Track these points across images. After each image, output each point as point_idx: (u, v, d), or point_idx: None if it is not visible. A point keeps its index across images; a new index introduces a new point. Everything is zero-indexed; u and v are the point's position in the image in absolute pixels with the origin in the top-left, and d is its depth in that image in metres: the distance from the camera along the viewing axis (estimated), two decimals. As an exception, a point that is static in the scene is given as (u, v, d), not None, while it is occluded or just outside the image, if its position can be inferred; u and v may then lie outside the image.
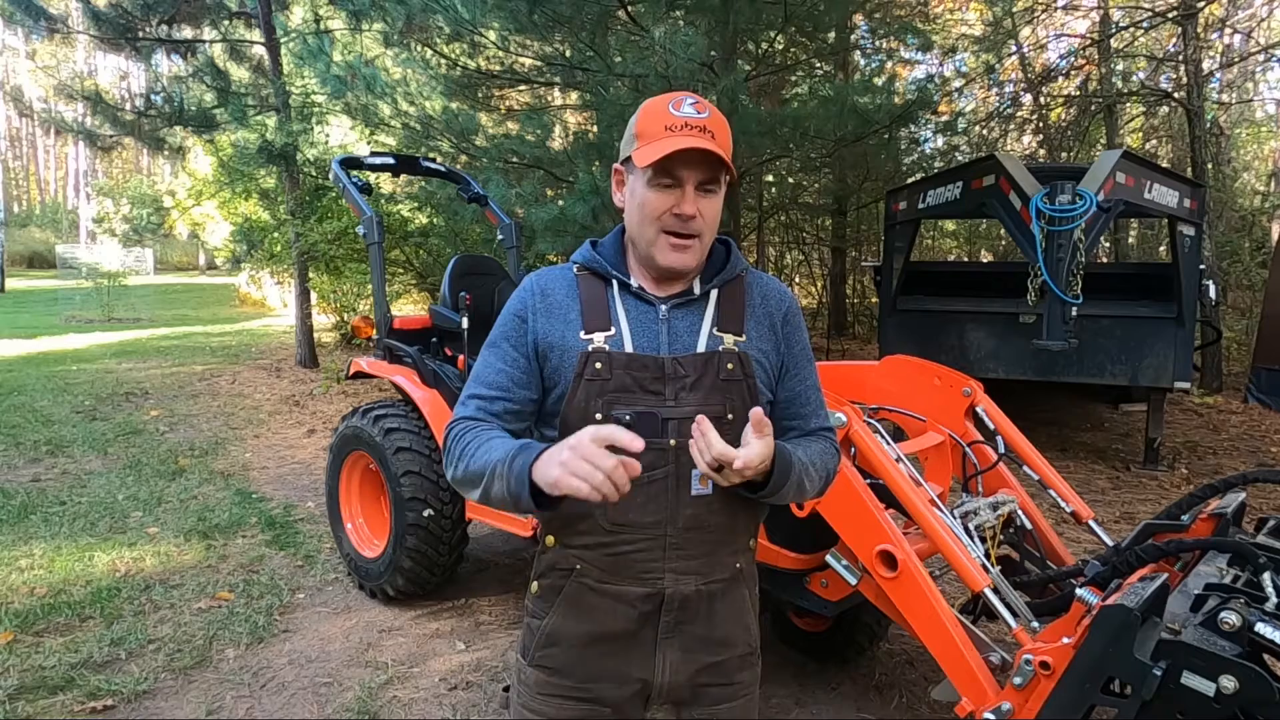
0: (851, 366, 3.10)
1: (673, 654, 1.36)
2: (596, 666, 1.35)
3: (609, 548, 1.31)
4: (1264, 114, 16.83)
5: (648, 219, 1.30)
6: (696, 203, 1.28)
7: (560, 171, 6.80)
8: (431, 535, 3.40)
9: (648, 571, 1.32)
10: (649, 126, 1.28)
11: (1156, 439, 5.91)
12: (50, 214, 41.20)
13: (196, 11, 9.93)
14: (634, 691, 1.36)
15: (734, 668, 1.41)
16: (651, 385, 1.28)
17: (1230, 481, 2.21)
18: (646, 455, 1.26)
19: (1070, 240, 4.61)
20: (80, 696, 2.83)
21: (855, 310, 13.95)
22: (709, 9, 5.90)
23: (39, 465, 5.84)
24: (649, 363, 1.29)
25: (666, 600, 1.33)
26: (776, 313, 1.40)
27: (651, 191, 1.28)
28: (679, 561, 1.32)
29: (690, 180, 1.27)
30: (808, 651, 3.19)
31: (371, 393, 8.12)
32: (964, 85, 12.29)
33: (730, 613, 1.40)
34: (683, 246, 1.29)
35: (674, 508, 1.30)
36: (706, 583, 1.35)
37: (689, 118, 1.26)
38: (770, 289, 1.43)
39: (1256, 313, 9.60)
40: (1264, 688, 1.40)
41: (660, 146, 1.24)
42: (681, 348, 1.32)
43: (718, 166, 1.28)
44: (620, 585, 1.33)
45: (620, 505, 1.28)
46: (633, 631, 1.34)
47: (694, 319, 1.34)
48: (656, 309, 1.34)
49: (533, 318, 1.35)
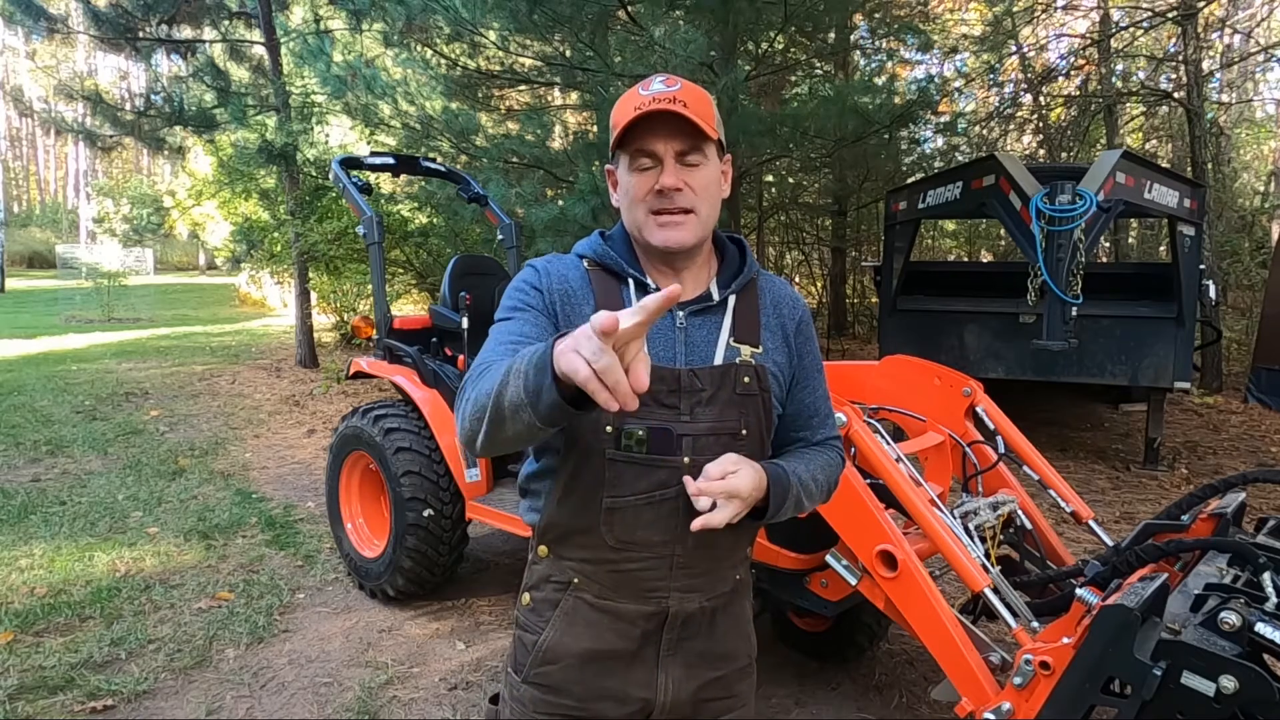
0: (851, 366, 3.10)
1: (675, 671, 1.31)
2: (596, 686, 1.29)
3: (613, 564, 1.26)
4: (1264, 114, 16.83)
5: (634, 202, 1.25)
6: (679, 175, 1.21)
7: (560, 171, 6.81)
8: (431, 535, 3.40)
9: (653, 590, 1.27)
10: (620, 112, 1.23)
11: (1156, 439, 5.91)
12: (50, 214, 41.23)
13: (196, 11, 9.94)
14: (635, 710, 1.31)
15: (734, 679, 1.38)
16: (667, 399, 1.21)
17: (1230, 481, 2.21)
18: (659, 473, 1.22)
19: (1070, 240, 4.61)
20: (80, 696, 2.83)
21: (855, 310, 13.95)
22: (709, 9, 5.89)
23: (39, 465, 5.84)
24: (666, 375, 1.21)
25: (670, 619, 1.29)
26: (790, 321, 1.36)
27: (632, 175, 1.24)
28: (685, 580, 1.28)
29: (668, 153, 1.21)
30: (808, 651, 3.19)
31: (371, 393, 8.12)
32: (964, 85, 12.29)
33: (732, 625, 1.37)
34: (672, 223, 1.23)
35: (684, 527, 1.23)
36: (710, 599, 1.32)
37: (657, 93, 1.20)
38: (782, 296, 1.38)
39: (1256, 313, 9.60)
40: (1264, 688, 1.39)
41: (627, 122, 1.20)
42: (698, 359, 1.25)
43: (695, 135, 1.21)
44: (622, 603, 1.28)
45: (628, 523, 1.24)
46: (634, 650, 1.29)
47: (711, 328, 1.28)
48: (673, 316, 1.27)
49: (549, 292, 1.25)
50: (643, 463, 1.22)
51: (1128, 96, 12.27)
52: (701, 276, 1.32)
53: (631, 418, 1.19)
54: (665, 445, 1.21)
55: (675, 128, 1.20)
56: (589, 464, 1.23)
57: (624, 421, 1.20)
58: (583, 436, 1.22)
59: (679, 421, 1.21)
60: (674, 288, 0.88)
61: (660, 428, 1.21)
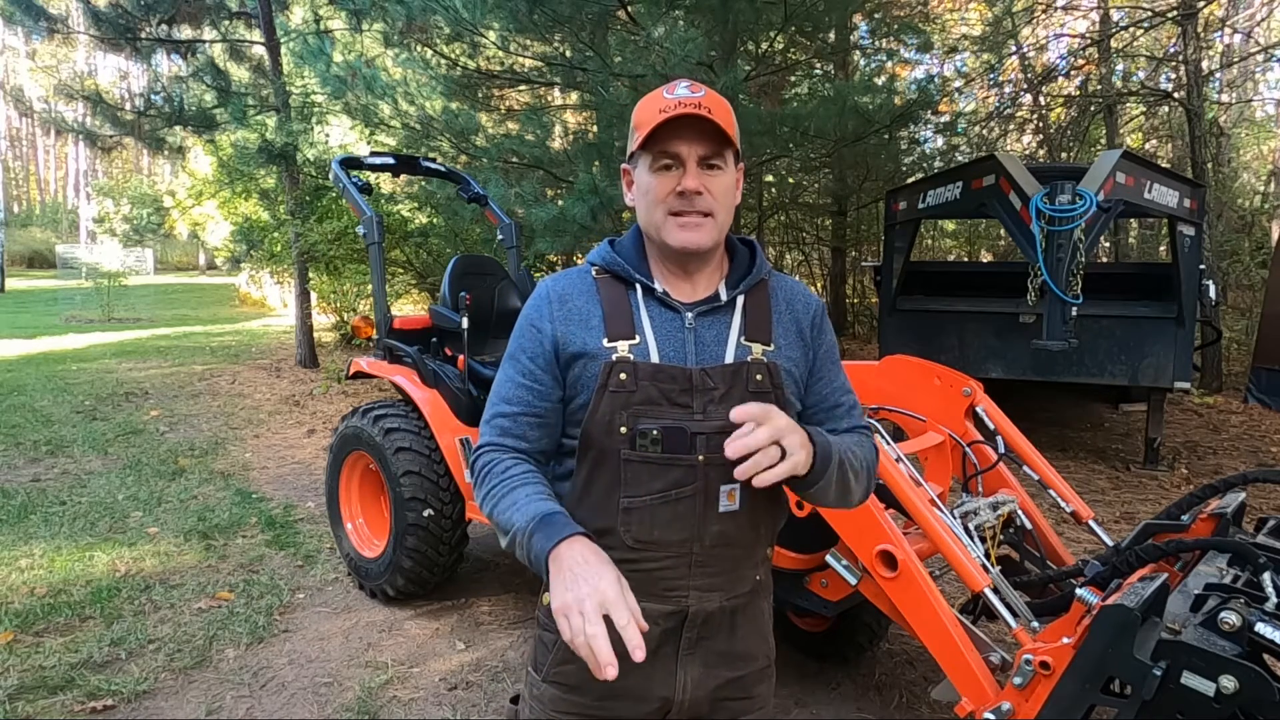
0: (851, 366, 3.08)
1: (694, 671, 1.32)
2: (616, 684, 1.28)
3: (632, 564, 1.25)
4: (1264, 114, 16.82)
5: (654, 203, 1.26)
6: (700, 179, 1.23)
7: (560, 171, 6.81)
8: (431, 535, 3.40)
9: (672, 590, 1.28)
10: (644, 114, 1.25)
11: (1156, 439, 5.91)
12: (50, 214, 41.25)
13: (197, 12, 9.93)
14: (653, 709, 1.32)
15: (753, 681, 1.38)
16: (679, 398, 1.22)
17: (1230, 481, 2.21)
18: (674, 472, 1.23)
19: (1070, 240, 4.61)
20: (80, 696, 2.83)
21: (855, 310, 13.95)
22: (708, 9, 5.89)
23: (39, 465, 5.84)
24: (676, 374, 1.23)
25: (690, 618, 1.30)
26: (804, 317, 1.36)
27: (654, 176, 1.25)
28: (704, 579, 1.29)
29: (691, 156, 1.23)
30: (808, 651, 3.19)
31: (371, 393, 8.13)
32: (964, 85, 12.29)
33: (751, 626, 1.37)
34: (691, 224, 1.24)
35: (701, 525, 1.25)
36: (730, 598, 1.32)
37: (682, 98, 1.22)
38: (796, 294, 1.38)
39: (1256, 313, 9.60)
40: (1264, 688, 1.39)
41: (654, 124, 1.22)
42: (709, 358, 1.26)
43: (718, 141, 1.24)
44: (642, 603, 1.26)
45: (645, 522, 1.25)
46: (653, 649, 1.28)
47: (721, 328, 1.29)
48: (682, 316, 1.28)
49: (550, 325, 1.28)
50: (658, 462, 1.23)
51: (1128, 96, 12.26)
52: (713, 279, 1.34)
53: (645, 418, 1.22)
54: (679, 444, 1.22)
55: (700, 132, 1.23)
56: (605, 465, 1.24)
57: (638, 422, 1.21)
58: (597, 438, 1.23)
59: (692, 420, 1.22)
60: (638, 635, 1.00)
61: (674, 427, 1.22)
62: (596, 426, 1.23)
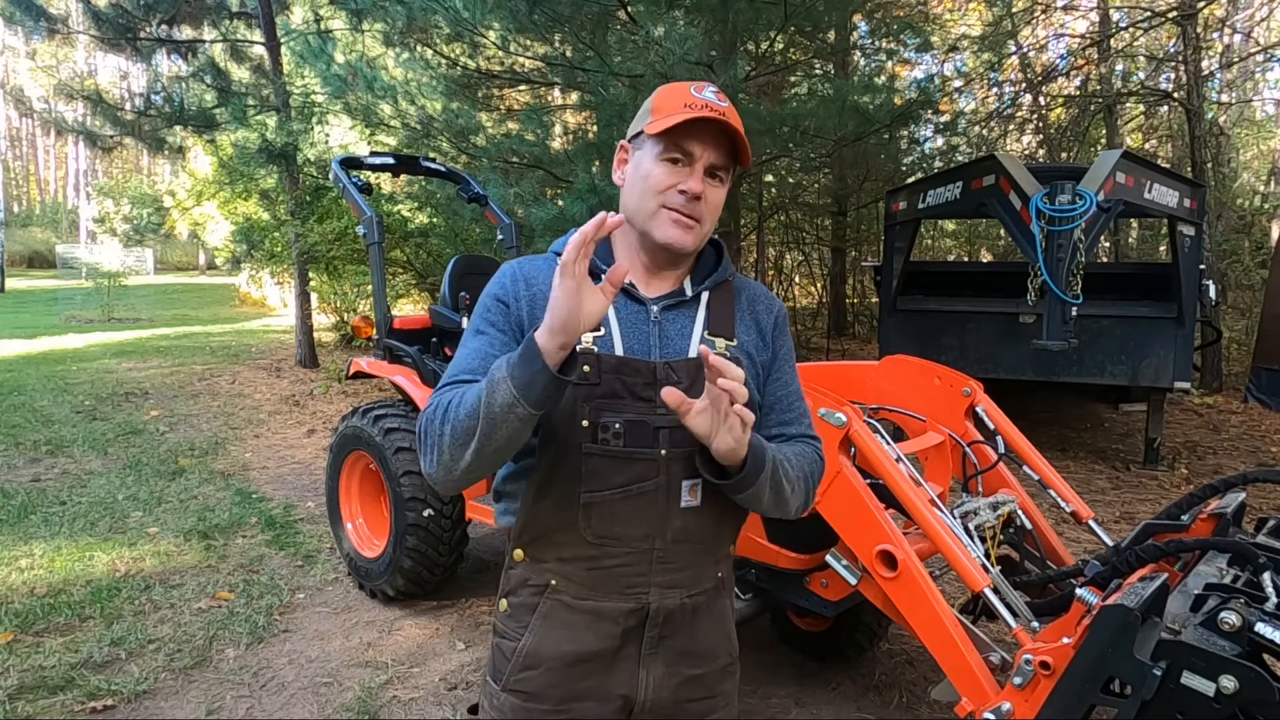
0: (851, 366, 3.10)
1: (656, 669, 1.30)
2: (577, 687, 1.28)
3: (592, 561, 1.25)
4: (1264, 114, 16.83)
5: (650, 191, 1.25)
6: (703, 185, 1.24)
7: (560, 171, 6.80)
8: (431, 535, 3.40)
9: (632, 586, 1.26)
10: (668, 102, 1.25)
11: (1156, 439, 5.91)
12: (50, 214, 41.25)
13: (197, 11, 9.93)
14: (615, 709, 1.30)
15: (716, 679, 1.37)
16: (643, 392, 1.21)
17: (1230, 481, 2.21)
18: (636, 466, 1.22)
19: (1070, 240, 4.61)
20: (80, 696, 2.83)
21: (855, 310, 13.95)
22: (708, 8, 5.89)
23: (39, 465, 5.84)
24: (641, 367, 1.22)
25: (651, 615, 1.28)
26: (765, 317, 1.38)
27: (659, 165, 1.24)
28: (665, 575, 1.27)
29: (702, 159, 1.24)
30: (808, 651, 3.19)
31: (371, 393, 8.13)
32: (964, 85, 12.29)
33: (713, 624, 1.36)
34: (684, 224, 1.24)
35: (663, 520, 1.24)
36: (691, 595, 1.31)
37: (710, 102, 1.23)
38: (759, 295, 1.40)
39: (1256, 313, 9.60)
40: (1264, 688, 1.39)
41: (678, 117, 1.21)
42: (673, 352, 1.26)
43: (729, 155, 1.25)
44: (602, 601, 1.27)
45: (606, 517, 1.24)
46: (615, 649, 1.28)
47: (685, 322, 1.30)
48: (648, 309, 1.28)
49: (515, 304, 1.26)
50: (620, 456, 1.22)
51: (1127, 96, 12.27)
52: (679, 276, 1.35)
53: (607, 411, 1.20)
54: (642, 438, 1.21)
55: (719, 141, 1.24)
56: (566, 459, 1.23)
57: (600, 415, 1.20)
58: (559, 432, 1.22)
59: (655, 414, 1.21)
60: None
61: (637, 420, 1.21)
62: (558, 418, 1.20)
